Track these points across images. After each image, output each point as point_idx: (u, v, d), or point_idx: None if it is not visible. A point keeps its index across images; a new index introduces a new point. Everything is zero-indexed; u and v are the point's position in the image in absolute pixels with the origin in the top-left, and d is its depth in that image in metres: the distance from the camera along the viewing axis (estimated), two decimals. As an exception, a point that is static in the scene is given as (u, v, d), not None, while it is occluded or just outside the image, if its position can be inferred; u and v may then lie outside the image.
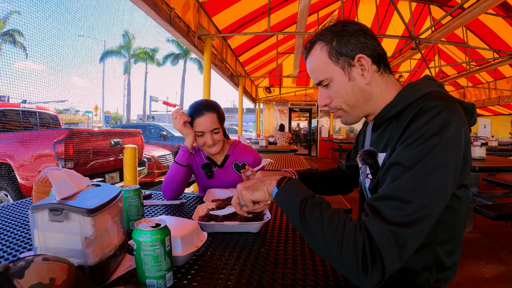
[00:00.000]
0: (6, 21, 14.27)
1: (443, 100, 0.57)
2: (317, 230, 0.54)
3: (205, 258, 0.68)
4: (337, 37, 0.64)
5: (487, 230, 2.90)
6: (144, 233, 0.52)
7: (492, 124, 10.60)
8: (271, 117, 10.82)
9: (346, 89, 0.66)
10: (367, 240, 0.50)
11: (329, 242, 0.52)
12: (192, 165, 1.33)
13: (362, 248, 0.49)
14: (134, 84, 61.58)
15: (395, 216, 0.50)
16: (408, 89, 0.65)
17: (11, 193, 3.00)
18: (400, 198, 0.51)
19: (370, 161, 0.69)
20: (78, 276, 0.43)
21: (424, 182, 0.51)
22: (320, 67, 0.67)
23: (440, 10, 5.15)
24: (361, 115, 0.70)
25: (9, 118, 3.55)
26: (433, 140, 0.52)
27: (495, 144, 5.26)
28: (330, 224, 0.53)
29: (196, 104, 1.22)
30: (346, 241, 0.50)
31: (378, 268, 0.48)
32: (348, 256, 0.50)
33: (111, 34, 21.67)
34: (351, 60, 0.64)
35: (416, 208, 0.50)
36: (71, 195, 0.58)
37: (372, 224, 0.51)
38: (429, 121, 0.54)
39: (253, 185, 0.67)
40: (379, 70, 0.66)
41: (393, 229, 0.49)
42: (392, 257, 0.49)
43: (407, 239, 0.49)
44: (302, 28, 3.66)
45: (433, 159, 0.52)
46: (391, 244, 0.49)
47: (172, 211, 1.05)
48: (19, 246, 0.72)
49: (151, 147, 5.53)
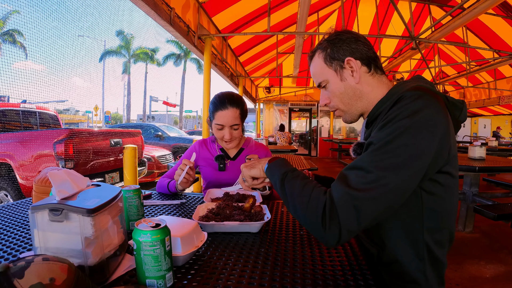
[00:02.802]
0: (6, 21, 14.26)
1: (422, 91, 0.62)
2: (292, 195, 0.64)
3: (205, 258, 0.68)
4: (330, 45, 0.74)
5: (487, 230, 2.90)
6: (144, 233, 0.52)
7: (492, 124, 10.60)
8: (271, 117, 10.83)
9: (340, 89, 0.75)
10: (328, 201, 0.57)
11: (300, 205, 0.61)
12: (198, 160, 1.33)
13: (323, 208, 0.57)
14: (134, 84, 61.57)
15: (357, 183, 0.57)
16: (397, 86, 0.72)
17: (11, 193, 2.99)
18: (363, 168, 0.58)
19: (359, 151, 0.77)
20: (78, 276, 0.43)
21: (386, 156, 0.57)
22: (318, 71, 0.77)
23: (440, 10, 5.15)
24: (357, 112, 0.77)
25: (9, 118, 3.55)
26: (402, 122, 0.58)
27: (495, 144, 5.26)
28: (302, 190, 0.62)
29: (222, 95, 1.19)
30: (311, 203, 0.59)
31: (335, 225, 0.55)
32: (312, 214, 0.58)
33: (111, 34, 21.64)
34: (342, 63, 0.73)
35: (376, 177, 0.56)
36: (71, 195, 0.58)
37: (336, 188, 0.58)
38: (402, 106, 0.60)
39: (251, 163, 0.83)
40: (370, 71, 0.74)
41: (352, 193, 0.56)
42: (348, 217, 0.55)
43: (363, 203, 0.55)
44: (302, 28, 3.66)
45: (398, 138, 0.57)
46: (348, 206, 0.55)
47: (172, 211, 1.05)
48: (19, 246, 0.72)
49: (151, 147, 5.53)
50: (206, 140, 1.36)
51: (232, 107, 1.16)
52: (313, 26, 6.11)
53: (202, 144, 1.35)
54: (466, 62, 5.64)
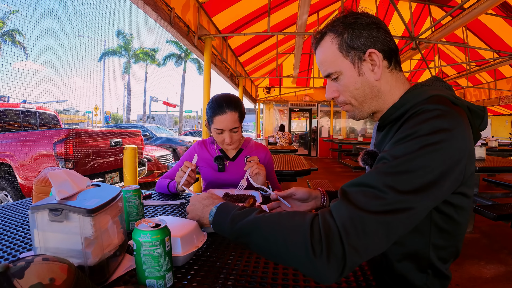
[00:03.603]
0: (6, 21, 14.26)
1: (445, 105, 0.54)
2: (257, 229, 0.52)
3: (205, 258, 0.68)
4: (348, 30, 0.61)
5: (487, 231, 2.90)
6: (144, 233, 0.52)
7: (492, 125, 10.60)
8: (271, 117, 10.82)
9: (355, 84, 0.64)
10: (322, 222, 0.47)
11: (275, 234, 0.50)
12: (198, 161, 1.32)
13: (310, 229, 0.47)
14: (134, 84, 61.56)
15: (366, 204, 0.47)
16: (413, 90, 0.63)
17: (11, 193, 2.99)
18: (374, 187, 0.48)
19: (370, 161, 0.69)
20: (78, 276, 0.43)
21: (405, 177, 0.48)
22: (330, 59, 0.64)
23: (440, 10, 5.15)
24: (369, 111, 0.68)
25: (9, 118, 3.55)
26: (423, 139, 0.50)
27: (495, 145, 5.26)
28: (268, 218, 0.52)
29: (219, 98, 1.16)
30: (291, 228, 0.48)
31: (336, 254, 0.44)
32: (295, 242, 0.47)
33: (111, 34, 21.66)
34: (362, 55, 0.62)
35: (393, 200, 0.47)
36: (71, 195, 0.58)
37: (338, 208, 0.48)
38: (423, 121, 0.52)
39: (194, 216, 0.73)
40: (390, 66, 0.64)
41: (361, 215, 0.46)
42: (357, 245, 0.45)
43: (376, 228, 0.46)
44: (302, 28, 3.66)
45: (418, 157, 0.49)
46: (356, 230, 0.45)
47: (172, 211, 1.05)
48: (19, 246, 0.72)
49: (151, 147, 5.53)
50: (206, 140, 1.36)
51: (230, 110, 1.14)
52: (313, 26, 6.11)
53: (202, 145, 1.35)
54: (466, 62, 5.64)
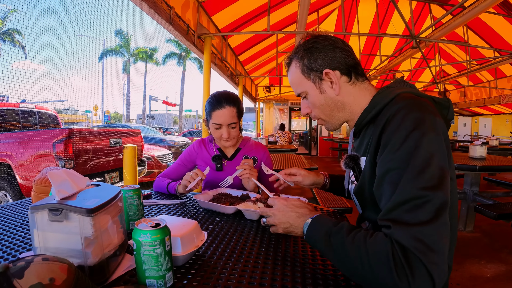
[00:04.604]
0: (5, 20, 14.23)
1: (411, 99, 0.61)
2: (344, 257, 0.53)
3: (205, 258, 0.68)
4: (307, 54, 0.71)
5: (488, 230, 2.90)
6: (144, 233, 0.52)
7: (493, 123, 10.60)
8: (271, 117, 10.82)
9: (320, 101, 0.73)
10: (399, 249, 0.48)
11: (357, 265, 0.51)
12: (197, 160, 1.34)
13: (393, 259, 0.47)
14: (133, 84, 61.47)
15: (416, 217, 0.49)
16: (380, 93, 0.69)
17: (10, 193, 2.99)
18: (411, 199, 0.50)
19: (352, 164, 0.74)
20: (78, 276, 0.43)
21: (426, 174, 0.51)
22: (296, 81, 0.74)
23: (440, 9, 5.13)
24: (339, 122, 0.76)
25: (9, 118, 3.54)
26: (413, 135, 0.54)
27: (496, 144, 5.26)
28: (352, 246, 0.52)
29: (218, 95, 1.20)
30: (373, 257, 0.49)
31: (422, 276, 0.46)
32: (381, 272, 0.48)
33: (110, 33, 21.62)
34: (320, 75, 0.70)
35: (431, 201, 0.49)
36: (71, 195, 0.58)
37: (398, 232, 0.49)
38: (402, 120, 0.57)
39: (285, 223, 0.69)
40: (350, 80, 0.71)
41: (421, 230, 0.47)
42: (435, 260, 0.46)
43: (438, 235, 0.48)
44: (302, 27, 3.65)
45: (422, 150, 0.53)
46: (427, 246, 0.47)
47: (172, 210, 1.05)
48: (18, 246, 0.72)
49: (151, 147, 5.53)
50: (205, 139, 1.37)
51: (229, 105, 1.17)
52: (313, 25, 6.10)
53: (201, 144, 1.36)
54: (466, 61, 5.63)
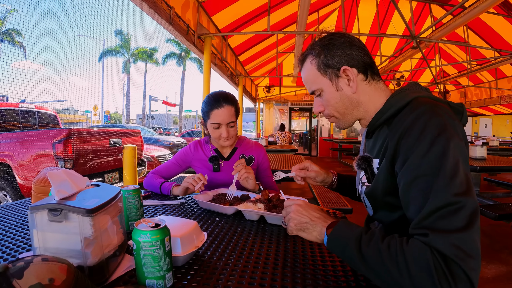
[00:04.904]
0: (5, 20, 14.22)
1: (429, 104, 0.60)
2: (380, 265, 0.51)
3: (205, 258, 0.68)
4: (324, 51, 0.70)
5: (488, 230, 2.90)
6: (144, 233, 0.52)
7: (493, 124, 10.59)
8: (271, 117, 10.81)
9: (335, 98, 0.72)
10: (439, 257, 0.47)
11: (394, 274, 0.49)
12: (192, 161, 1.33)
13: (434, 267, 0.46)
14: (133, 84, 61.27)
15: (451, 224, 0.49)
16: (396, 95, 0.69)
17: (10, 193, 2.99)
18: (446, 205, 0.50)
19: (364, 166, 0.73)
20: (77, 276, 0.43)
21: (456, 179, 0.51)
22: (311, 78, 0.73)
23: (441, 9, 5.14)
24: (352, 120, 0.75)
25: (8, 118, 3.54)
26: (439, 140, 0.54)
27: (496, 144, 5.25)
28: (388, 254, 0.50)
29: (216, 95, 1.21)
30: (413, 266, 0.48)
31: (463, 283, 0.46)
32: (422, 281, 0.47)
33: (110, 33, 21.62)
34: (338, 72, 0.70)
35: (464, 207, 0.49)
36: (71, 195, 0.58)
37: (436, 240, 0.48)
38: (425, 126, 0.56)
39: (303, 223, 0.65)
40: (366, 78, 0.71)
41: (459, 236, 0.47)
42: (473, 266, 0.46)
43: (474, 241, 0.48)
44: (302, 27, 3.65)
45: (450, 156, 0.53)
46: (465, 252, 0.47)
47: (172, 211, 1.05)
48: (18, 247, 0.72)
49: (151, 147, 5.53)
50: (201, 141, 1.37)
51: (227, 105, 1.18)
52: (313, 25, 6.10)
53: (197, 145, 1.35)
54: (467, 61, 5.63)
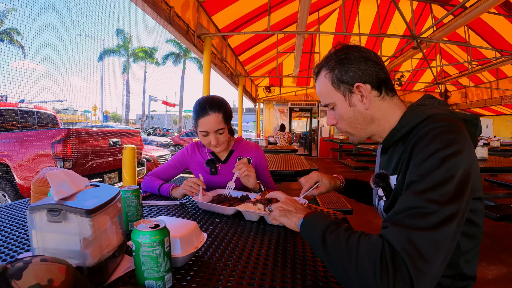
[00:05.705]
0: (4, 19, 14.22)
1: (446, 122, 0.60)
2: (335, 251, 0.53)
3: (204, 259, 0.67)
4: (339, 65, 0.69)
5: (489, 231, 2.90)
6: (143, 234, 0.51)
7: (494, 124, 10.58)
8: (271, 117, 10.81)
9: (348, 114, 0.72)
10: (387, 249, 0.48)
11: (345, 260, 0.51)
12: (190, 164, 1.33)
13: (380, 258, 0.47)
14: (133, 84, 61.34)
15: (416, 223, 0.49)
16: (411, 111, 0.68)
17: (9, 194, 2.98)
18: (419, 206, 0.51)
19: (382, 183, 0.73)
20: (76, 277, 0.43)
21: (440, 190, 0.51)
22: (325, 92, 0.73)
23: (441, 9, 5.14)
24: (365, 135, 0.75)
25: (7, 117, 3.54)
26: (440, 154, 0.54)
27: (497, 144, 5.25)
28: (346, 242, 0.52)
29: (202, 101, 1.17)
30: (362, 253, 0.49)
31: (403, 280, 0.45)
32: (365, 269, 0.48)
33: (110, 33, 21.57)
34: (351, 87, 0.69)
35: (437, 213, 0.49)
36: (70, 196, 0.57)
37: (391, 232, 0.49)
38: (432, 140, 0.56)
39: (287, 211, 0.70)
40: (380, 94, 0.70)
41: (420, 234, 0.47)
42: (422, 268, 0.46)
43: (434, 244, 0.47)
44: (303, 27, 3.65)
45: (444, 169, 0.52)
46: (418, 252, 0.46)
47: (172, 211, 1.04)
48: (17, 247, 0.71)
49: (151, 147, 5.53)
50: (198, 143, 1.34)
51: (213, 112, 1.13)
52: (314, 25, 6.10)
53: (194, 147, 1.34)
54: (468, 61, 5.63)
